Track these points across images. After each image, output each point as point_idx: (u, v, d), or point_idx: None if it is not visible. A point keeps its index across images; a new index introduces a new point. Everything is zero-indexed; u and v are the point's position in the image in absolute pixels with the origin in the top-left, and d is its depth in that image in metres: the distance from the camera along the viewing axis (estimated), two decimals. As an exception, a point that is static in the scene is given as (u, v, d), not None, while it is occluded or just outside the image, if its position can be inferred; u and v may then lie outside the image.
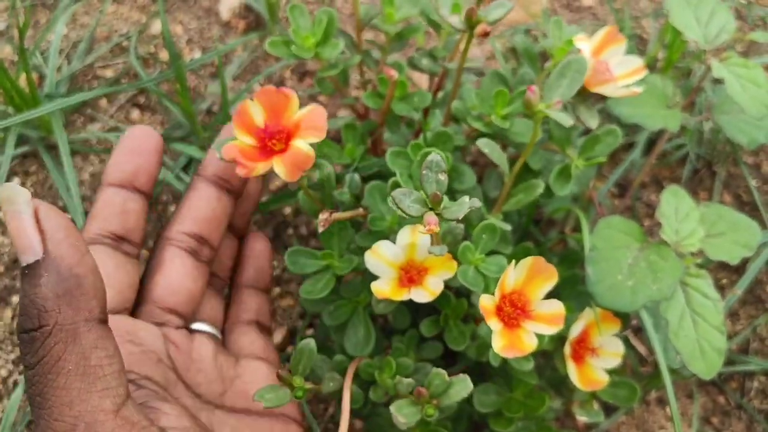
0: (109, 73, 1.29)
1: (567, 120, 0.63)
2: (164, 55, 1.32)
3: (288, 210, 1.17)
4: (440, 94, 0.97)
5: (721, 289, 1.15)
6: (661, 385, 1.08)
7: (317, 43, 0.82)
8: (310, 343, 0.70)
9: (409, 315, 0.85)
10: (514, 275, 0.68)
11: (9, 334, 1.07)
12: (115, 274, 0.71)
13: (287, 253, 0.77)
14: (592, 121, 0.75)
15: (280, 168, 0.65)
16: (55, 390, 0.48)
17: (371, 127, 0.92)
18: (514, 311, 0.67)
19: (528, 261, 0.68)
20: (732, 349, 1.12)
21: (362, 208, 0.80)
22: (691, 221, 0.82)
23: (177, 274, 0.75)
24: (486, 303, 0.65)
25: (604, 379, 0.80)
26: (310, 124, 0.67)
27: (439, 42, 0.92)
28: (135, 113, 1.26)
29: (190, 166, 1.18)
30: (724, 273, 1.16)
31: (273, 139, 0.68)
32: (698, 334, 0.78)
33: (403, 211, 0.58)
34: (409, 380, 0.70)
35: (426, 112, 0.95)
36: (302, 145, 0.66)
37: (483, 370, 0.91)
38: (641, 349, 1.11)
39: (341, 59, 0.87)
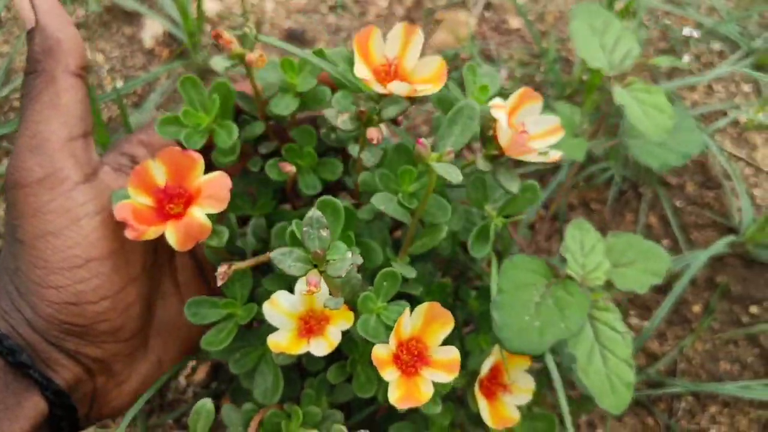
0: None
1: (456, 176, 0.61)
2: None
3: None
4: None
5: (647, 309, 1.16)
6: (590, 408, 1.08)
7: (214, 119, 0.77)
8: (207, 403, 0.68)
9: (323, 358, 0.83)
10: (410, 322, 0.67)
11: None
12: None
13: (186, 305, 0.75)
14: (513, 186, 0.73)
15: (172, 235, 0.62)
16: (33, 113, 0.65)
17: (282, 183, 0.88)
18: (411, 359, 0.66)
19: (424, 307, 0.67)
20: (660, 371, 1.12)
21: (269, 250, 0.78)
22: (596, 254, 0.81)
23: None
24: (380, 353, 0.64)
25: (516, 416, 0.79)
26: (212, 192, 0.63)
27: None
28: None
29: (110, 200, 1.15)
30: (649, 294, 1.16)
31: (172, 203, 0.65)
32: (608, 369, 0.77)
33: (285, 272, 0.57)
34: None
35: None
36: (199, 214, 0.63)
37: (402, 413, 0.90)
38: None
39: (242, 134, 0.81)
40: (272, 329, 0.73)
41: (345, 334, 0.75)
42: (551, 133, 0.75)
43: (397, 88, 0.66)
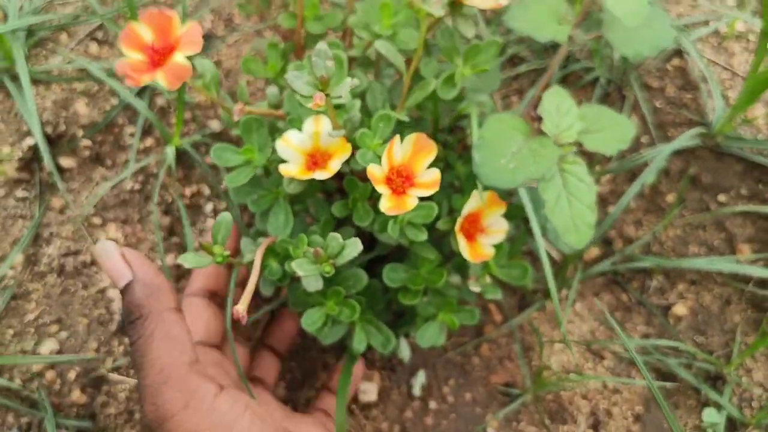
0: (68, 10, 1.39)
1: (438, 10, 0.74)
2: (120, -8, 1.42)
3: (234, 132, 1.28)
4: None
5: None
6: (569, 284, 1.21)
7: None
8: (227, 216, 0.81)
9: (328, 206, 0.96)
10: (401, 151, 0.79)
11: None
12: (211, 319, 0.98)
13: (213, 149, 0.88)
14: (469, 31, 0.86)
15: (162, 78, 0.74)
16: (151, 351, 0.72)
17: (293, 47, 1.03)
18: (400, 181, 0.79)
19: (412, 137, 0.79)
20: (635, 253, 1.25)
21: (283, 112, 0.91)
22: (570, 117, 0.93)
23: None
24: (374, 171, 0.77)
25: (491, 252, 0.92)
26: (188, 39, 0.75)
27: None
28: (93, 47, 1.36)
29: (145, 91, 1.29)
30: (627, 184, 1.28)
31: (158, 55, 0.76)
32: (572, 212, 0.90)
33: (296, 91, 0.70)
34: (320, 239, 0.82)
35: (345, 32, 1.06)
36: (180, 58, 0.74)
37: (397, 258, 1.03)
38: (554, 254, 1.23)
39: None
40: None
41: (347, 175, 0.88)
42: None
43: None
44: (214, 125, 1.29)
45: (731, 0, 1.43)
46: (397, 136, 0.77)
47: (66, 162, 1.26)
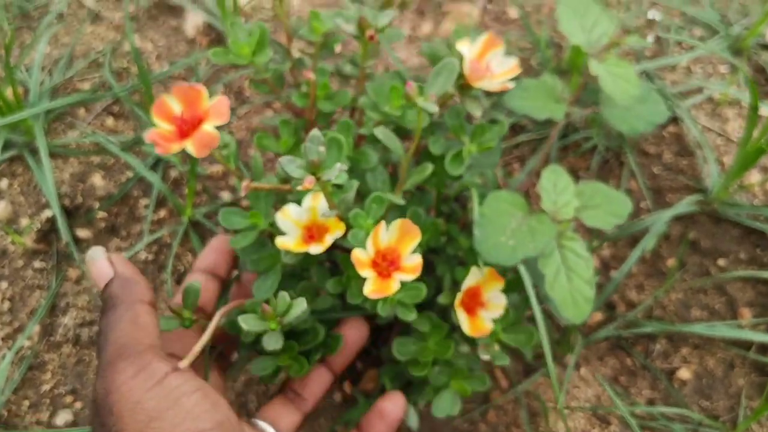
0: (86, 86, 1.45)
1: (433, 108, 0.79)
2: (136, 69, 1.48)
3: (245, 202, 1.33)
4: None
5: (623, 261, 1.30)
6: (573, 350, 1.23)
7: (252, 52, 0.98)
8: (195, 284, 0.87)
9: (329, 276, 0.99)
10: (386, 234, 0.82)
11: (-2, 315, 1.22)
12: (206, 290, 0.98)
13: (221, 212, 0.93)
14: (477, 112, 0.91)
15: (191, 147, 0.78)
16: (114, 333, 0.73)
17: (304, 124, 1.08)
18: (386, 264, 0.82)
19: (398, 222, 0.82)
20: (638, 317, 1.27)
21: (290, 185, 0.96)
22: (567, 194, 0.97)
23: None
24: (359, 255, 0.80)
25: (490, 326, 0.95)
26: (216, 110, 0.79)
27: (361, 50, 1.08)
28: (110, 121, 1.42)
29: (158, 164, 1.34)
30: (627, 250, 1.31)
31: (187, 125, 0.80)
32: (571, 287, 0.93)
33: (288, 173, 0.74)
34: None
35: (353, 110, 1.11)
36: (208, 127, 0.79)
37: (405, 329, 1.06)
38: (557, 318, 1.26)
39: (275, 66, 1.03)
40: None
41: (343, 252, 0.92)
42: (511, 72, 0.92)
43: None
44: (225, 196, 1.34)
45: (723, 67, 1.48)
46: (383, 222, 0.81)
47: (82, 233, 1.30)
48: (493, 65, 0.93)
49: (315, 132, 0.74)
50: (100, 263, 0.80)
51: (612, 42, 1.07)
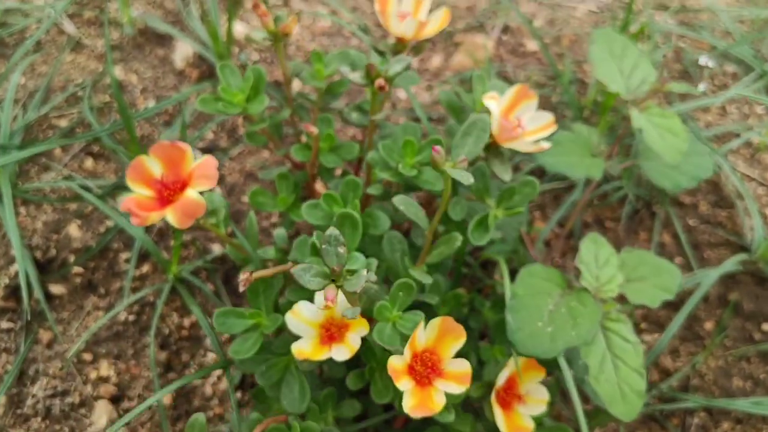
0: (63, 123, 1.32)
1: (467, 178, 0.66)
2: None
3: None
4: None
5: (660, 325, 1.18)
6: (603, 421, 1.10)
7: (246, 98, 0.85)
8: (200, 417, 0.75)
9: (344, 365, 0.86)
10: (424, 335, 0.70)
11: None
12: None
13: (215, 314, 0.79)
14: (506, 175, 0.79)
15: (172, 217, 0.67)
16: None
17: (305, 177, 0.95)
18: (425, 370, 0.70)
19: (437, 321, 0.70)
20: (673, 386, 1.14)
21: (292, 262, 0.82)
22: (610, 267, 0.85)
23: None
24: (395, 364, 0.67)
25: (530, 425, 0.82)
26: (202, 173, 0.69)
27: (369, 96, 0.95)
28: (89, 162, 1.28)
29: (141, 213, 1.20)
30: (662, 310, 1.19)
31: (169, 190, 0.70)
32: (619, 378, 0.80)
33: (306, 286, 0.61)
34: None
35: (360, 162, 0.99)
36: (192, 194, 0.68)
37: (425, 420, 0.93)
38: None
39: (272, 115, 0.90)
40: (295, 338, 0.77)
41: (363, 342, 0.79)
42: (546, 128, 0.80)
43: (407, 26, 0.82)
44: (216, 249, 1.21)
45: (760, 108, 1.36)
46: (421, 323, 0.68)
47: (56, 289, 1.17)
48: (525, 121, 0.80)
49: (332, 231, 0.61)
50: None
51: (655, 89, 0.95)
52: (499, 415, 0.80)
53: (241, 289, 0.72)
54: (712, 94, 1.39)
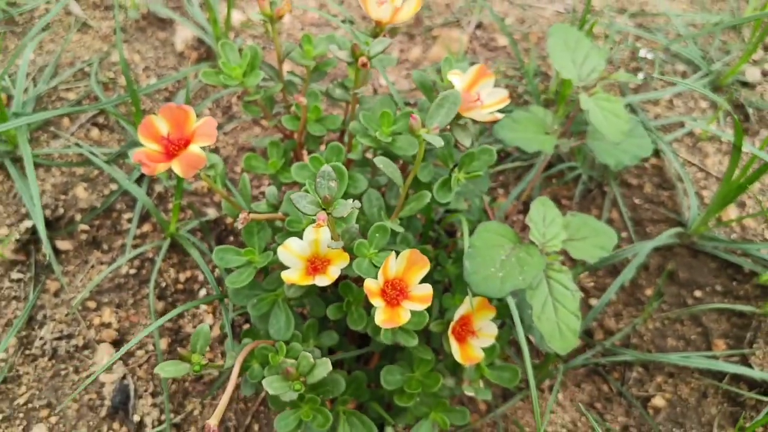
0: (71, 96, 1.44)
1: (439, 141, 0.80)
2: (123, 80, 1.47)
3: (230, 219, 1.32)
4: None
5: (603, 290, 1.32)
6: (552, 375, 1.25)
7: (243, 73, 0.98)
8: (205, 327, 0.86)
9: (324, 305, 1.00)
10: (395, 265, 0.83)
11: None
12: None
13: (215, 250, 0.92)
14: (466, 141, 0.92)
15: (177, 167, 0.78)
16: None
17: (293, 145, 1.08)
18: (395, 293, 0.83)
19: (406, 253, 0.83)
20: (615, 344, 1.29)
21: (282, 213, 0.96)
22: (555, 226, 0.99)
23: None
24: (370, 285, 0.81)
25: (481, 355, 0.96)
26: (203, 132, 0.80)
27: (351, 74, 1.08)
28: (94, 132, 1.40)
29: (143, 178, 1.33)
30: (609, 279, 1.33)
31: (174, 146, 0.81)
32: (558, 318, 0.94)
33: (300, 210, 0.74)
34: (290, 361, 0.85)
35: (343, 133, 1.12)
36: (195, 148, 0.79)
37: (394, 356, 1.07)
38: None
39: (265, 89, 1.03)
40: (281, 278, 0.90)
41: (343, 279, 0.92)
42: (500, 102, 0.93)
43: (384, 11, 0.93)
44: (211, 212, 1.33)
45: (704, 103, 1.51)
46: (393, 254, 0.82)
47: (63, 245, 1.28)
48: (484, 96, 0.94)
49: (326, 168, 0.74)
50: None
51: (602, 77, 1.09)
52: (454, 346, 0.94)
53: (240, 226, 0.84)
54: (663, 89, 1.54)
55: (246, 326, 1.23)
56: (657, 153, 1.43)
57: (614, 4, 1.76)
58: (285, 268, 0.88)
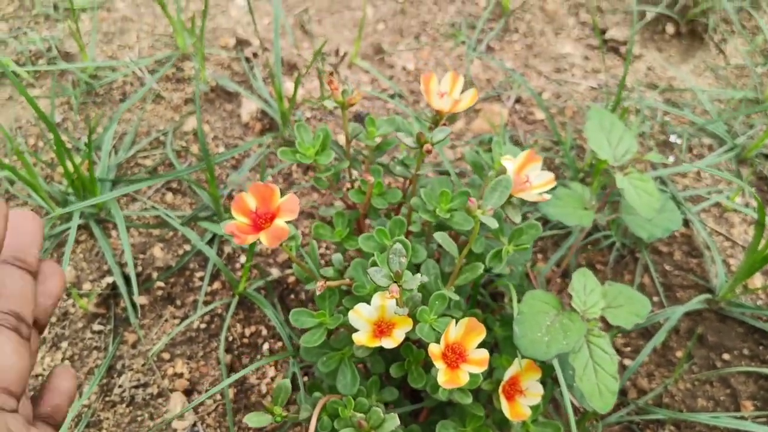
0: (148, 162, 1.59)
1: (494, 223, 0.92)
2: (194, 148, 1.62)
3: (291, 279, 1.45)
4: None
5: (638, 352, 1.42)
6: (590, 428, 1.34)
7: (316, 152, 1.11)
8: (286, 383, 0.97)
9: (383, 363, 1.11)
10: (455, 331, 0.95)
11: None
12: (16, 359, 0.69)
13: (291, 313, 1.04)
14: (516, 218, 1.04)
15: (264, 239, 0.89)
16: None
17: (357, 215, 1.21)
18: (454, 356, 0.94)
19: (465, 321, 0.95)
20: (648, 403, 1.38)
21: (348, 278, 1.08)
22: (595, 295, 1.09)
23: (5, 352, 0.67)
24: (434, 349, 0.92)
25: (528, 412, 1.06)
26: (287, 207, 0.91)
27: (411, 153, 1.21)
28: (169, 196, 1.55)
29: (214, 240, 1.46)
30: (642, 341, 1.43)
31: (261, 219, 0.92)
32: (597, 379, 1.04)
33: (376, 283, 0.86)
34: (360, 415, 0.95)
35: (400, 205, 1.25)
36: (280, 222, 0.90)
37: (444, 411, 1.17)
38: (575, 402, 1.36)
39: (334, 165, 1.16)
40: (350, 338, 1.02)
41: (404, 341, 1.03)
42: (547, 184, 1.05)
43: (445, 102, 1.06)
44: (274, 272, 1.46)
45: (730, 174, 1.62)
46: (453, 321, 0.93)
47: (140, 300, 1.41)
48: (532, 178, 1.06)
49: (398, 246, 0.86)
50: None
51: (635, 158, 1.21)
52: (504, 403, 1.04)
53: (318, 292, 0.96)
54: (690, 161, 1.66)
55: (305, 378, 1.34)
56: (686, 223, 1.54)
57: (644, 79, 1.89)
58: (350, 329, 0.99)
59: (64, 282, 0.75)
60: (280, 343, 1.39)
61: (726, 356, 1.40)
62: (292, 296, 1.44)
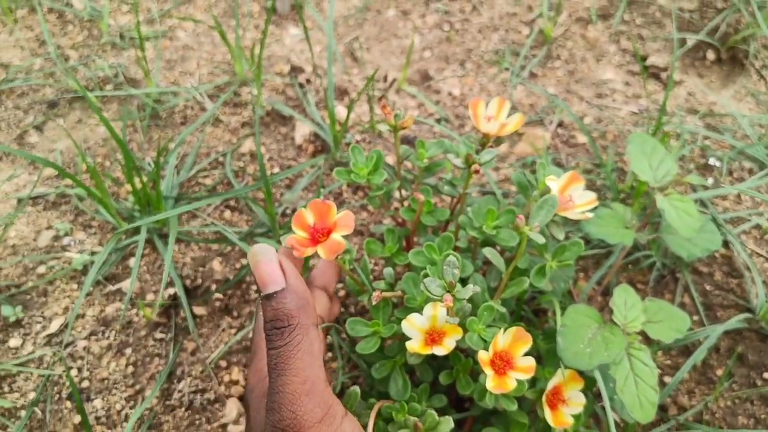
0: (208, 182, 1.68)
1: (541, 239, 0.98)
2: (251, 169, 1.71)
3: (341, 293, 1.52)
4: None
5: (677, 369, 1.45)
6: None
7: (369, 173, 1.19)
8: (356, 389, 1.04)
9: (432, 371, 1.17)
10: (503, 339, 1.00)
11: (123, 377, 1.41)
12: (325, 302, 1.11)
13: (348, 322, 1.11)
14: (560, 235, 1.10)
15: (321, 251, 0.96)
16: (295, 360, 0.76)
17: (406, 232, 1.28)
18: (502, 363, 0.99)
19: (512, 330, 1.00)
20: (688, 420, 1.40)
21: (401, 291, 1.14)
22: (635, 310, 1.14)
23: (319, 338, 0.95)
24: (483, 356, 0.98)
25: (571, 421, 1.10)
26: (343, 223, 0.98)
27: (458, 173, 1.28)
28: (227, 213, 1.64)
29: (268, 255, 1.55)
30: (682, 359, 1.46)
31: (319, 234, 0.99)
32: (638, 391, 1.09)
33: (431, 292, 0.92)
34: (414, 418, 1.01)
35: (447, 223, 1.31)
36: (336, 237, 0.97)
37: (487, 419, 1.22)
38: (617, 417, 1.40)
39: (385, 185, 1.24)
40: (402, 347, 1.08)
41: (453, 351, 1.09)
42: (589, 203, 1.11)
43: (492, 126, 1.14)
44: (325, 286, 1.53)
45: (770, 197, 1.65)
46: (501, 329, 0.99)
47: (199, 310, 1.50)
48: (575, 197, 1.12)
49: (452, 258, 0.93)
50: (272, 268, 0.80)
51: (675, 180, 1.26)
52: (547, 412, 1.09)
53: (374, 302, 1.03)
54: (731, 184, 1.69)
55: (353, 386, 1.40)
56: (726, 244, 1.57)
57: (684, 104, 1.93)
58: (402, 338, 1.06)
59: (340, 306, 1.13)
60: (330, 354, 1.46)
61: (766, 375, 1.42)
62: (342, 309, 1.51)
